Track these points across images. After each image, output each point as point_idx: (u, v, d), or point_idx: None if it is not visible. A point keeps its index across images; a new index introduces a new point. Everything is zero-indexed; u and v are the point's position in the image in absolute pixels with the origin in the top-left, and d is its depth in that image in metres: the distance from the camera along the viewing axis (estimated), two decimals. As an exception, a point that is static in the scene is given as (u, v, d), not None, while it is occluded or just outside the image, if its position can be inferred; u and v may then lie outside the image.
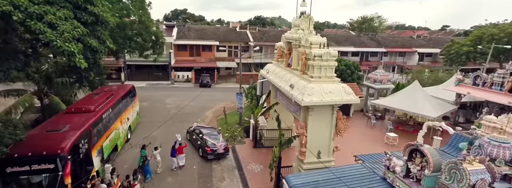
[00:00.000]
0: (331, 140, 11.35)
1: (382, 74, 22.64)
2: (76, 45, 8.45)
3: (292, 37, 12.61)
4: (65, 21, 8.50)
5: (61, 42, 7.98)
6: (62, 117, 12.57)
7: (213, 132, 16.89)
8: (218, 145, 15.29)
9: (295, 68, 12.76)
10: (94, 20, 9.84)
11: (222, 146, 15.38)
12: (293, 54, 12.90)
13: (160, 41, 22.64)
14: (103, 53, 10.56)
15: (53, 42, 7.95)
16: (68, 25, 8.48)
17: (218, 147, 15.23)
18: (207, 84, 34.24)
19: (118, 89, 17.83)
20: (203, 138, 15.83)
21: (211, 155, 15.12)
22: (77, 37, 8.61)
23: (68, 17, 8.72)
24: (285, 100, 14.00)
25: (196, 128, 17.54)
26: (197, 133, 16.76)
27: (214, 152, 15.16)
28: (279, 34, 47.27)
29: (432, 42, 48.62)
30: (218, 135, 16.45)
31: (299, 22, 12.80)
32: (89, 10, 9.64)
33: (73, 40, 8.35)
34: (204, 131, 16.62)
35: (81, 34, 8.80)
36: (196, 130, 17.11)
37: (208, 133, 16.40)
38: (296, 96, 10.61)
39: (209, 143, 15.40)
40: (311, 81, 10.68)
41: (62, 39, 8.05)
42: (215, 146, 15.26)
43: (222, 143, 15.47)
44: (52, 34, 7.97)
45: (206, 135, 16.05)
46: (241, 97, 20.29)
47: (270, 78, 14.59)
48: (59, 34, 8.09)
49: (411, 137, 18.77)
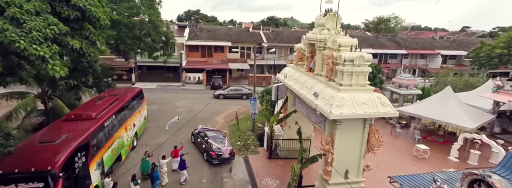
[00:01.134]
0: (362, 158, 9.76)
1: (408, 79, 20.77)
2: (49, 48, 6.78)
3: (316, 38, 11.09)
4: (35, 16, 6.78)
5: (26, 44, 6.27)
6: (60, 125, 11.45)
7: (218, 135, 16.14)
8: (224, 149, 14.54)
9: (318, 74, 11.24)
10: (78, 16, 8.10)
11: (228, 150, 14.62)
12: (317, 57, 11.37)
13: (170, 42, 21.50)
14: (94, 57, 9.05)
15: (14, 44, 6.20)
16: (40, 21, 6.76)
17: (224, 152, 14.49)
18: (219, 86, 33.03)
19: (125, 92, 16.72)
20: (208, 141, 15.15)
21: (216, 159, 14.45)
22: (51, 37, 6.91)
23: (41, 11, 6.98)
24: (305, 109, 12.48)
25: (201, 130, 16.80)
26: (202, 136, 16.04)
27: (219, 156, 14.45)
28: (294, 34, 45.89)
29: (456, 44, 45.88)
30: (223, 138, 15.68)
31: (323, 21, 11.27)
32: (72, 2, 7.80)
33: (45, 41, 6.68)
34: (209, 134, 15.90)
35: (58, 33, 7.10)
36: (201, 133, 16.37)
37: (213, 137, 15.67)
38: (322, 107, 9.09)
39: (214, 147, 14.69)
40: (340, 89, 9.14)
41: (28, 39, 6.35)
42: (220, 150, 14.52)
43: (227, 148, 14.73)
44: (14, 33, 6.22)
45: (211, 139, 15.35)
46: (254, 103, 18.87)
47: (289, 84, 13.11)
48: (24, 33, 6.38)
49: (442, 149, 16.91)
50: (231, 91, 29.75)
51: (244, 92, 29.69)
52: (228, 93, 29.49)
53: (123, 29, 18.13)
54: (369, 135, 9.54)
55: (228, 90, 29.78)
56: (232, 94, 29.40)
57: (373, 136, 9.45)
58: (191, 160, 14.30)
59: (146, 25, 18.60)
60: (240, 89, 29.98)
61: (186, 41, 37.24)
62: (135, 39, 18.61)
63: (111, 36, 17.36)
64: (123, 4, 18.43)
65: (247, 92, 29.66)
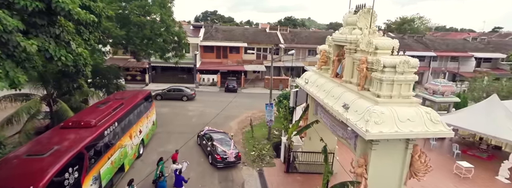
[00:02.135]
0: (403, 186, 7.98)
1: (445, 85, 18.52)
2: None
3: (345, 39, 9.40)
4: None
5: None
6: (55, 134, 10.36)
7: (224, 137, 15.61)
8: (229, 152, 13.99)
9: (347, 81, 9.55)
10: (41, 8, 6.35)
11: (233, 153, 14.06)
12: (346, 61, 9.68)
13: (183, 43, 20.32)
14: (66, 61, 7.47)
15: None
16: None
17: (229, 155, 13.92)
18: (233, 88, 31.71)
19: (132, 96, 15.60)
20: (213, 144, 14.61)
21: (220, 163, 13.90)
22: None
23: None
24: (329, 120, 10.80)
25: (207, 132, 16.28)
26: (207, 138, 15.54)
27: (224, 160, 13.90)
28: (312, 35, 43.92)
29: (491, 46, 42.28)
30: (229, 141, 15.18)
31: (354, 19, 9.56)
32: None
33: None
34: (214, 137, 15.35)
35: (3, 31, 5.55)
36: (207, 135, 15.85)
37: (219, 139, 15.12)
38: (355, 123, 7.41)
39: (219, 150, 14.15)
40: (377, 102, 7.42)
41: None
42: (226, 153, 13.96)
43: (233, 151, 14.20)
44: None
45: (216, 141, 14.81)
46: (271, 109, 17.30)
47: (310, 90, 11.47)
48: None
49: (486, 167, 14.65)
50: (170, 91, 26.88)
51: (185, 93, 26.87)
52: (166, 93, 26.65)
53: (132, 28, 17.08)
54: (413, 157, 7.76)
55: (166, 90, 26.90)
56: (171, 95, 26.61)
57: (418, 159, 7.66)
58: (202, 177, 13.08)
59: (157, 24, 17.47)
60: (181, 90, 27.13)
61: (201, 42, 36.21)
62: (145, 39, 17.52)
63: (120, 36, 16.34)
64: (133, 2, 17.39)
65: (189, 93, 26.88)
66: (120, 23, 16.91)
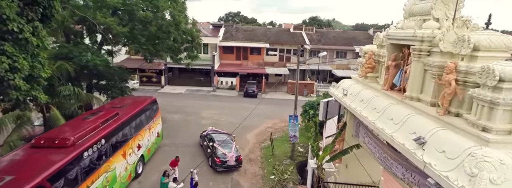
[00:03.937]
0: None
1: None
2: None
3: (414, 36, 6.35)
4: None
5: None
6: (21, 155, 8.15)
7: (228, 139, 14.54)
8: (229, 155, 13.22)
9: (413, 97, 6.49)
10: None
11: (234, 157, 13.27)
12: (412, 68, 6.61)
13: (196, 42, 17.93)
14: None
15: None
16: None
17: (229, 158, 13.17)
18: (253, 93, 29.03)
19: (131, 104, 13.32)
20: (213, 146, 13.81)
21: (220, 167, 13.22)
22: None
23: None
24: (378, 149, 7.77)
25: (209, 133, 15.37)
26: (209, 139, 14.68)
27: (224, 163, 13.18)
28: (341, 36, 40.09)
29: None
30: (231, 142, 14.26)
31: (427, 6, 6.49)
32: None
33: None
34: (216, 138, 14.47)
35: None
36: (208, 136, 14.98)
37: (220, 141, 14.14)
38: (448, 175, 4.37)
39: (219, 153, 13.37)
40: (488, 141, 4.34)
41: None
42: (226, 156, 13.20)
43: (233, 154, 13.42)
44: None
45: (217, 143, 13.94)
46: (295, 122, 14.36)
47: (352, 106, 8.47)
48: None
49: None
50: None
51: None
52: None
53: (137, 25, 14.86)
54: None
55: None
56: None
57: None
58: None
59: (165, 21, 15.11)
60: None
61: (220, 42, 33.91)
62: (151, 37, 15.23)
63: (122, 33, 14.17)
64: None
65: None
66: (122, 19, 14.80)
